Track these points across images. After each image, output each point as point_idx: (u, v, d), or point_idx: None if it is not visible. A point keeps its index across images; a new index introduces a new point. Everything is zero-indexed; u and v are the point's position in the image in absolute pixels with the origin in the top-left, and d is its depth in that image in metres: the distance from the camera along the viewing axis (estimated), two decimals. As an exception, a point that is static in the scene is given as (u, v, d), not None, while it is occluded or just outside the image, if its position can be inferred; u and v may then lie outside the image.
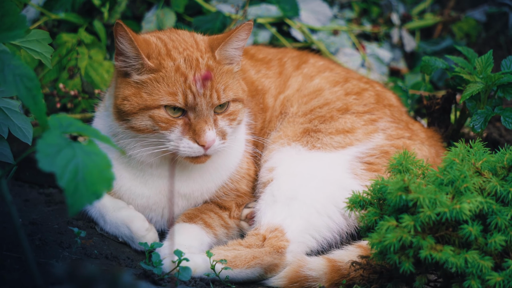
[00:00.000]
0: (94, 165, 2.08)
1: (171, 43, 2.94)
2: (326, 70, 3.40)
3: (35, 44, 2.83)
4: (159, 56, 2.88)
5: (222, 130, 2.92)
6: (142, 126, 2.88)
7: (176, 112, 2.86)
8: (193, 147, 2.86)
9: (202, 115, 2.85)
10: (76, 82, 3.80)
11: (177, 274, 2.70)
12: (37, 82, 2.19)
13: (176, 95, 2.84)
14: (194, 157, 2.89)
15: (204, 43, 2.97)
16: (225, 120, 2.93)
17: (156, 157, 2.96)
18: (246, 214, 3.13)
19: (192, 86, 2.84)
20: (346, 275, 2.77)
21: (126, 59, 2.88)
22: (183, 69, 2.86)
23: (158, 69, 2.86)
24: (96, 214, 3.11)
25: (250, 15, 4.08)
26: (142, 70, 2.87)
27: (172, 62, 2.87)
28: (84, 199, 2.05)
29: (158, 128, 2.86)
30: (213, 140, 2.85)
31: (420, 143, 3.21)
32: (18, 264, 2.55)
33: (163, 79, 2.85)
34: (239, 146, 3.15)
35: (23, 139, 2.86)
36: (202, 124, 2.85)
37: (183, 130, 2.86)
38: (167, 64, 2.87)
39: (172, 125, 2.86)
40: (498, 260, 2.46)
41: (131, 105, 2.88)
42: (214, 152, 2.91)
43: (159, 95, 2.85)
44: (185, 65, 2.87)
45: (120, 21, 2.83)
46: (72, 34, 3.87)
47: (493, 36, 4.59)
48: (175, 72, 2.86)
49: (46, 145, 2.06)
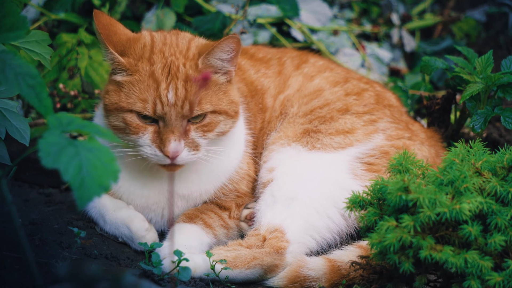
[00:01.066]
0: (97, 160, 2.08)
1: (159, 46, 2.91)
2: (326, 70, 3.40)
3: (35, 45, 2.83)
4: (140, 58, 2.87)
5: (194, 141, 2.87)
6: (117, 125, 2.89)
7: (147, 119, 2.85)
8: (159, 156, 2.85)
9: (170, 125, 2.82)
10: (76, 82, 3.80)
11: (177, 274, 2.70)
12: (40, 80, 2.19)
13: (146, 103, 2.82)
14: (164, 164, 2.88)
15: (196, 49, 2.93)
16: (198, 132, 2.88)
17: (134, 159, 2.93)
18: (246, 215, 3.13)
19: (162, 95, 2.80)
20: (346, 275, 2.77)
21: (103, 51, 2.89)
22: (157, 75, 2.83)
23: (133, 71, 2.85)
24: (96, 214, 3.11)
25: (250, 15, 4.08)
26: (117, 68, 2.87)
27: (148, 66, 2.85)
28: (91, 192, 2.05)
29: (129, 131, 2.86)
30: (177, 152, 2.81)
31: (420, 144, 3.21)
32: (18, 264, 2.55)
33: (137, 83, 2.84)
34: (238, 147, 3.15)
35: (21, 140, 2.86)
36: (169, 134, 2.81)
37: (151, 137, 2.85)
38: (142, 68, 2.85)
39: (141, 131, 2.85)
40: (498, 260, 2.46)
41: (110, 102, 2.88)
42: (184, 162, 2.88)
43: (132, 99, 2.84)
44: (161, 72, 2.84)
45: (96, 10, 2.83)
46: (72, 34, 3.87)
47: (493, 36, 4.59)
48: (149, 77, 2.83)
49: (47, 145, 2.06)
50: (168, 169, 2.90)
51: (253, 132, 3.25)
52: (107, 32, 2.87)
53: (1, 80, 2.16)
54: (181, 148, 2.83)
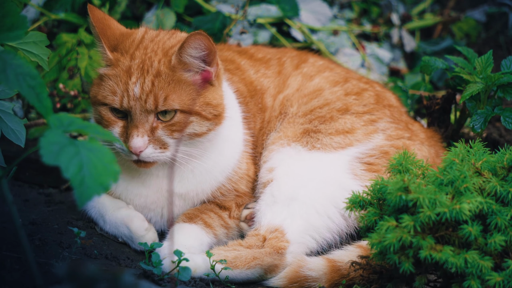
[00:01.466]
0: (98, 160, 2.09)
1: (146, 42, 2.93)
2: (326, 70, 3.40)
3: (32, 46, 2.83)
4: (124, 53, 2.90)
5: (160, 139, 2.86)
6: (96, 118, 2.94)
7: (118, 113, 2.87)
8: (125, 151, 2.86)
9: (136, 120, 2.83)
10: (76, 82, 3.80)
11: (177, 274, 2.70)
12: (40, 80, 2.19)
13: (115, 96, 2.85)
14: (134, 160, 2.89)
15: (174, 49, 2.91)
16: (165, 130, 2.87)
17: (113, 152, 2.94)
18: (245, 215, 3.13)
19: (129, 88, 2.82)
20: (346, 275, 2.77)
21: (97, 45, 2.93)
22: (132, 70, 2.86)
23: (115, 65, 2.88)
24: (96, 214, 3.11)
25: (250, 15, 4.08)
26: (104, 61, 2.92)
27: (128, 61, 2.88)
28: (91, 191, 2.05)
29: (103, 124, 2.89)
30: (140, 147, 2.82)
31: (420, 143, 3.21)
32: (18, 264, 2.55)
33: (114, 77, 2.87)
34: (235, 146, 3.15)
35: (16, 141, 2.86)
36: (133, 129, 2.83)
37: (120, 132, 2.88)
38: (122, 63, 2.88)
39: (112, 125, 2.88)
40: (498, 260, 2.46)
41: (92, 95, 2.94)
42: (151, 159, 2.87)
43: (106, 92, 2.87)
44: (136, 67, 2.86)
45: (90, 5, 2.87)
46: (72, 34, 3.87)
47: (493, 36, 4.59)
48: (124, 72, 2.86)
49: (48, 143, 2.06)
50: (138, 165, 2.91)
51: (252, 132, 3.25)
52: (102, 26, 2.91)
53: (2, 80, 2.16)
54: (144, 144, 2.83)
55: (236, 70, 3.34)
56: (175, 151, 2.89)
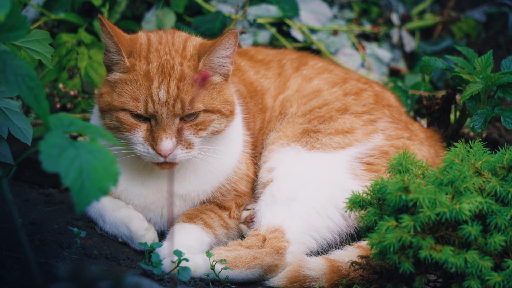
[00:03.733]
0: (98, 162, 2.09)
1: (155, 45, 2.93)
2: (325, 72, 3.40)
3: (36, 44, 2.83)
4: (137, 57, 2.89)
5: (187, 140, 2.88)
6: (111, 125, 2.91)
7: (139, 117, 2.86)
8: (152, 154, 2.86)
9: (162, 123, 2.83)
10: (76, 82, 3.80)
11: (177, 274, 2.70)
12: (38, 82, 2.20)
13: (138, 101, 2.83)
14: (158, 163, 2.89)
15: (194, 49, 2.94)
16: (191, 130, 2.89)
17: (130, 157, 2.94)
18: (245, 217, 3.12)
19: (153, 94, 2.82)
20: (346, 275, 2.77)
21: (109, 54, 2.90)
22: (152, 74, 2.85)
23: (131, 70, 2.86)
24: (96, 214, 3.11)
25: (250, 15, 4.08)
26: (119, 68, 2.89)
27: (145, 65, 2.87)
28: (90, 196, 2.06)
29: (123, 129, 2.88)
30: (170, 150, 2.82)
31: (420, 143, 3.21)
32: (18, 264, 2.55)
33: (131, 82, 2.85)
34: (236, 147, 3.15)
35: (23, 140, 2.86)
36: (161, 132, 2.83)
37: (144, 135, 2.87)
38: (139, 67, 2.86)
39: (134, 129, 2.87)
40: (498, 260, 2.46)
41: (104, 103, 2.90)
42: (178, 160, 2.89)
43: (125, 97, 2.85)
44: (155, 71, 2.85)
45: (101, 16, 2.84)
46: (72, 34, 3.87)
47: (493, 36, 4.59)
48: (143, 76, 2.85)
49: (48, 147, 2.06)
50: (162, 167, 2.91)
51: (252, 133, 3.25)
52: (117, 34, 2.88)
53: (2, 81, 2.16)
54: (173, 146, 2.83)
55: (236, 71, 3.34)
56: (199, 149, 2.91)
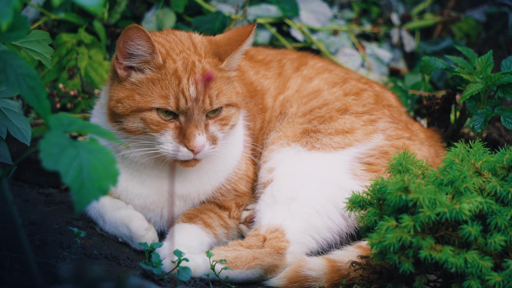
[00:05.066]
0: (98, 162, 2.09)
1: (167, 44, 2.94)
2: (325, 72, 3.40)
3: (35, 45, 2.83)
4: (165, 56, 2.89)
5: (213, 135, 2.91)
6: (134, 128, 2.89)
7: (168, 115, 2.86)
8: (183, 151, 2.86)
9: (193, 120, 2.85)
10: (76, 82, 3.80)
11: (177, 274, 2.70)
12: (39, 81, 2.20)
13: (168, 99, 2.84)
14: (183, 160, 2.89)
15: (204, 47, 2.96)
16: (216, 125, 2.92)
17: (149, 158, 2.95)
18: (245, 217, 3.12)
19: (185, 90, 2.84)
20: (346, 275, 2.77)
21: (132, 58, 2.86)
22: (180, 72, 2.86)
23: (161, 68, 2.86)
24: (96, 214, 3.11)
25: (250, 15, 4.08)
26: (148, 67, 2.87)
27: (173, 63, 2.87)
28: (90, 195, 2.06)
29: (149, 130, 2.87)
30: (203, 145, 2.85)
31: (420, 143, 3.21)
32: (18, 264, 2.55)
33: (159, 81, 2.85)
34: (236, 147, 3.15)
35: (22, 140, 2.86)
36: (193, 129, 2.84)
37: (173, 134, 2.87)
38: (169, 65, 2.87)
39: (162, 128, 2.86)
40: (498, 260, 2.46)
41: (124, 107, 2.88)
42: (204, 156, 2.91)
43: (152, 97, 2.85)
44: (182, 69, 2.87)
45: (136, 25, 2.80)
46: (72, 34, 3.87)
47: (493, 36, 4.59)
48: (172, 74, 2.86)
49: (48, 145, 2.06)
50: (187, 164, 2.92)
51: (252, 132, 3.25)
52: None
53: (2, 80, 2.17)
54: (205, 141, 2.86)
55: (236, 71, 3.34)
56: (221, 144, 2.95)
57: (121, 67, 2.90)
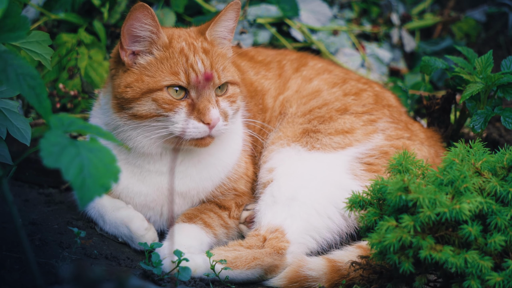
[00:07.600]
0: (98, 161, 2.10)
1: (168, 31, 3.03)
2: (324, 72, 3.41)
3: (35, 46, 2.83)
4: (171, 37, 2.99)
5: (224, 111, 2.96)
6: (145, 111, 2.90)
7: (179, 93, 2.90)
8: (199, 127, 2.88)
9: (205, 94, 2.91)
10: (76, 82, 3.80)
11: (177, 274, 2.70)
12: (40, 81, 2.20)
13: (179, 74, 2.89)
14: (198, 138, 2.91)
15: (194, 32, 3.05)
16: (225, 102, 2.98)
17: (157, 145, 2.96)
18: (245, 217, 3.12)
19: (194, 64, 2.91)
20: (346, 275, 2.77)
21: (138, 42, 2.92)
22: (186, 50, 2.94)
23: (168, 47, 2.94)
24: (95, 214, 3.11)
25: (250, 15, 4.08)
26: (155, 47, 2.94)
27: (177, 43, 2.96)
28: (92, 192, 2.06)
29: (162, 110, 2.89)
30: (218, 118, 2.89)
31: (420, 143, 3.21)
32: (18, 264, 2.55)
33: (167, 60, 2.92)
34: (236, 143, 3.16)
35: (21, 140, 2.86)
36: (206, 103, 2.89)
37: (187, 111, 2.89)
38: (175, 45, 2.95)
39: (176, 106, 2.89)
40: (498, 260, 2.46)
41: (134, 91, 2.90)
42: (218, 133, 2.93)
43: (162, 76, 2.90)
44: (187, 47, 2.95)
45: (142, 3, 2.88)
46: (72, 34, 3.87)
47: (493, 36, 4.59)
48: (179, 53, 2.93)
49: (49, 144, 2.06)
50: (202, 143, 2.93)
51: (251, 132, 3.25)
52: None
53: (3, 80, 2.17)
54: (219, 115, 2.90)
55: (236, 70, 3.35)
56: (232, 123, 3.02)
57: (126, 54, 2.94)
